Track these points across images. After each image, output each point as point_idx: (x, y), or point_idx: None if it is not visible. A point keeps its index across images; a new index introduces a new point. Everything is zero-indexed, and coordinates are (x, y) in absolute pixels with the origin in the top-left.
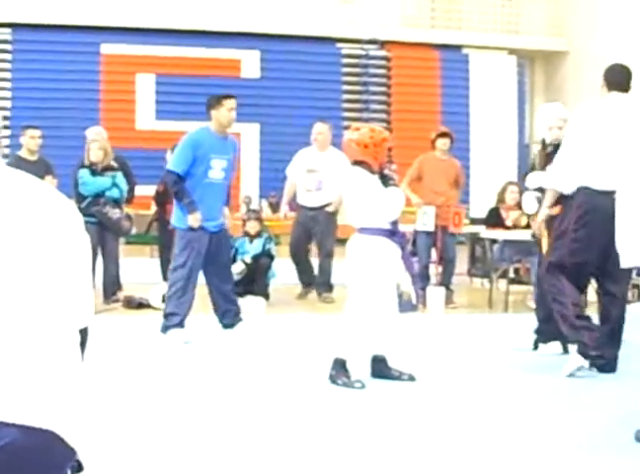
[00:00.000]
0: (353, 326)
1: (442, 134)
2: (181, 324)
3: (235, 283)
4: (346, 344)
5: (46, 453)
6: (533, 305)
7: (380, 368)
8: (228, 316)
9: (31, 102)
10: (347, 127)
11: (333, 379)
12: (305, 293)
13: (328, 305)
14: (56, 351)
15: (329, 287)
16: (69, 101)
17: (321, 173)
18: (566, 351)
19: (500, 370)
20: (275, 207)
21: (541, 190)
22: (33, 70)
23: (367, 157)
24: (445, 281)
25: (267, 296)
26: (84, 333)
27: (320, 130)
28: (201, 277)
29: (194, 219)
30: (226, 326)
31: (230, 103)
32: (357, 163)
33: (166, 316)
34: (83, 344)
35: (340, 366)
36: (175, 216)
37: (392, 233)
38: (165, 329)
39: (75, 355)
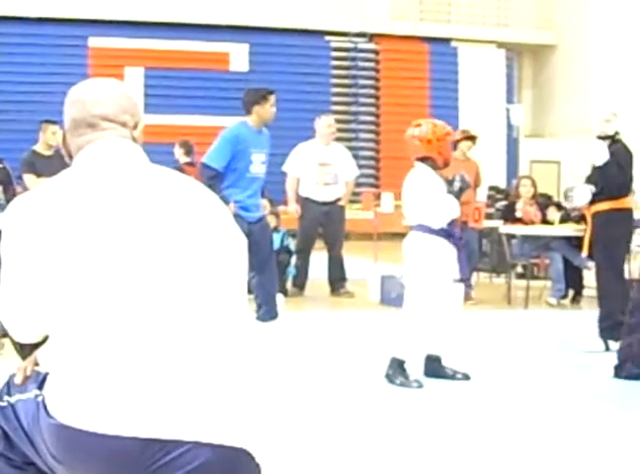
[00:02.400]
0: (411, 325)
1: (467, 138)
2: None
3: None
4: (404, 343)
5: (237, 471)
6: (553, 301)
7: (435, 367)
8: (263, 309)
9: (18, 96)
10: (335, 121)
11: (390, 379)
12: (298, 293)
13: (348, 300)
14: (238, 366)
15: (345, 281)
16: (57, 95)
17: (334, 166)
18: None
19: (546, 369)
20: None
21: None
22: (20, 64)
23: (432, 152)
24: (465, 277)
25: (285, 292)
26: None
27: (332, 123)
28: None
29: (229, 209)
30: (259, 318)
31: (273, 98)
32: (421, 159)
33: None
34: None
35: (397, 366)
36: None
37: (449, 234)
38: None
39: (251, 368)
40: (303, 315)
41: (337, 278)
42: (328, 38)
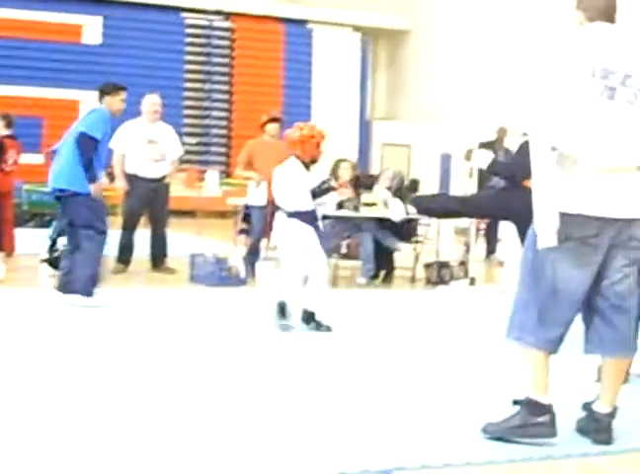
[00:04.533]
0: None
1: (273, 120)
2: None
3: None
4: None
5: None
6: (363, 281)
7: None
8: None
9: None
10: (187, 98)
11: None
12: (123, 269)
13: (169, 276)
14: None
15: (166, 257)
16: None
17: (162, 144)
18: None
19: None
20: (112, 177)
21: None
22: None
23: (296, 151)
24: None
25: None
26: None
27: (157, 102)
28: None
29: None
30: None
31: (124, 94)
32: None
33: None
34: None
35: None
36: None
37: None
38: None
39: None
40: (124, 291)
41: (159, 255)
42: (184, 14)
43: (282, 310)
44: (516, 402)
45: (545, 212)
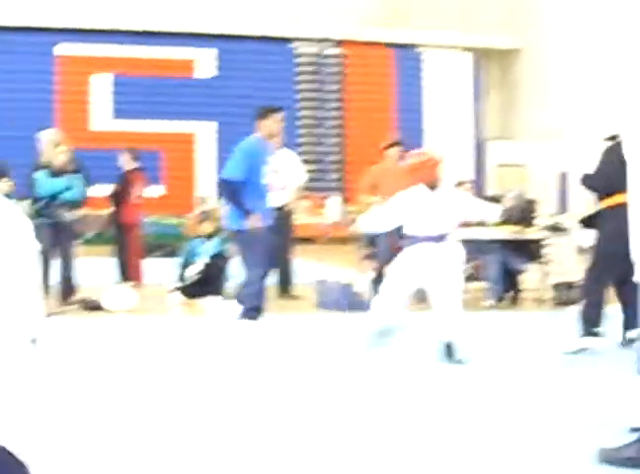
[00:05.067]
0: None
1: (393, 144)
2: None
3: (192, 284)
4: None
5: None
6: (490, 303)
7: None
8: None
9: None
10: (300, 126)
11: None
12: None
13: (293, 303)
14: (6, 366)
15: (293, 285)
16: (23, 102)
17: (284, 173)
18: None
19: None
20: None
21: None
22: None
23: (417, 180)
24: None
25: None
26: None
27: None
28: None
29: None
30: None
31: (276, 115)
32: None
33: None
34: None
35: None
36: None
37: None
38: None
39: (24, 369)
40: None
41: (285, 282)
42: (294, 43)
43: (384, 333)
44: (634, 429)
45: None
